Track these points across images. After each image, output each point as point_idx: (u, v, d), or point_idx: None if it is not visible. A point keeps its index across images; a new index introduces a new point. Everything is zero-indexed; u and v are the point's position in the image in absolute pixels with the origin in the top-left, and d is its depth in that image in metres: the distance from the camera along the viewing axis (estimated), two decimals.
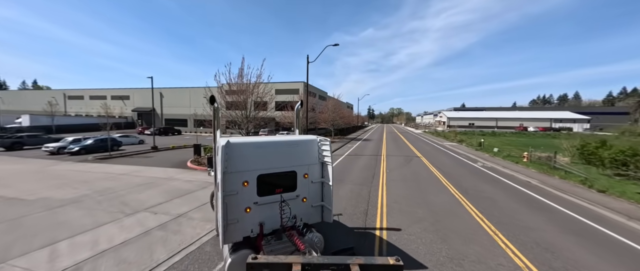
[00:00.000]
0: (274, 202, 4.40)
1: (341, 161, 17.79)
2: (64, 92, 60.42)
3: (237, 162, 4.02)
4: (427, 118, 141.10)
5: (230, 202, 4.00)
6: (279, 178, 4.45)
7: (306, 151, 4.72)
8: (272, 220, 4.40)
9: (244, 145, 4.15)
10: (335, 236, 6.15)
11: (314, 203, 4.89)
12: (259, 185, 4.24)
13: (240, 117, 17.89)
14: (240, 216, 4.12)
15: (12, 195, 9.42)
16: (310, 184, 4.80)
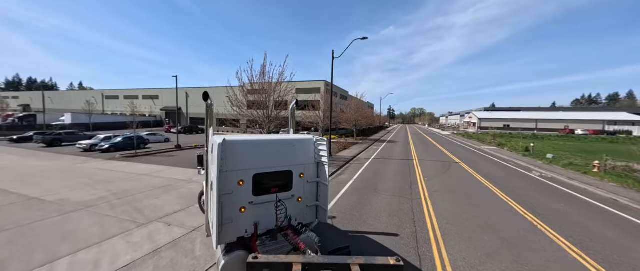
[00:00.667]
0: (269, 201, 4.30)
1: (369, 166, 16.13)
2: (102, 92, 65.21)
3: (232, 160, 3.91)
4: (453, 119, 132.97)
5: (225, 201, 3.88)
6: (274, 177, 4.36)
7: (302, 150, 4.64)
8: (267, 220, 4.30)
9: (240, 144, 4.03)
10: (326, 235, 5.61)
11: (309, 203, 4.83)
12: (254, 185, 4.14)
13: (261, 117, 17.01)
14: (235, 216, 4.01)
15: (35, 194, 9.18)
16: (306, 184, 4.73)
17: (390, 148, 26.75)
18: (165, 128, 44.03)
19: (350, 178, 12.63)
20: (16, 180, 11.10)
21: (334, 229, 6.63)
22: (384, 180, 12.28)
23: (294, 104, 6.43)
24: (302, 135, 5.52)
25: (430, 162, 17.78)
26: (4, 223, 6.72)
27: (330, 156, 19.55)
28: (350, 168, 15.18)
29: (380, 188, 10.77)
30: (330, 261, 1.85)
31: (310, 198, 4.87)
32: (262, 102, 16.83)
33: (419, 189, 10.62)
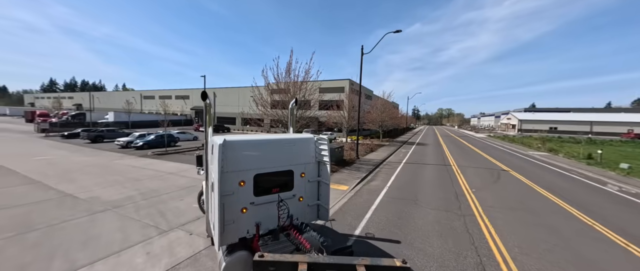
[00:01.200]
0: (270, 201, 4.26)
1: (402, 171, 14.62)
2: (141, 93, 70.66)
3: (233, 161, 3.87)
4: (486, 120, 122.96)
5: (227, 202, 3.84)
6: (275, 177, 4.33)
7: (303, 150, 4.63)
8: (268, 220, 4.26)
9: (241, 144, 3.99)
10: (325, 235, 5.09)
11: (310, 203, 4.81)
12: (255, 185, 4.10)
13: (286, 116, 16.38)
14: (237, 217, 3.98)
15: (70, 191, 9.37)
16: (307, 183, 4.71)
17: (421, 151, 24.66)
18: (194, 127, 46.01)
19: (383, 185, 11.35)
20: (59, 175, 11.63)
21: (329, 229, 6.32)
22: (423, 189, 10.80)
23: (293, 102, 6.30)
24: (302, 134, 5.42)
25: (473, 169, 15.71)
26: (37, 221, 6.69)
27: (357, 158, 18.40)
28: (382, 174, 13.84)
29: (421, 199, 9.37)
30: (336, 262, 1.83)
31: (312, 198, 4.85)
32: (287, 101, 16.20)
33: (469, 202, 9.02)
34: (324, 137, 4.80)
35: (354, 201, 9.05)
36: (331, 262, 1.84)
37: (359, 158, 18.16)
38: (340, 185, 10.89)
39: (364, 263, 1.79)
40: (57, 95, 78.86)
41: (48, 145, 21.96)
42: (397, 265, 1.79)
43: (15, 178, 10.94)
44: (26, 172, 11.97)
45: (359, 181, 11.71)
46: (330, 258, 1.92)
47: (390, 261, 1.83)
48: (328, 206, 4.85)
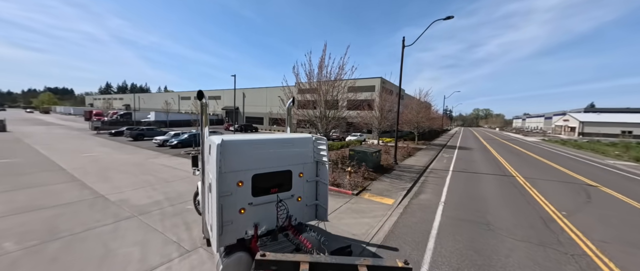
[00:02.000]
0: (268, 202, 4.20)
1: (454, 182, 12.39)
2: (179, 94, 75.85)
3: (231, 161, 3.81)
4: (533, 121, 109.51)
5: (225, 203, 3.77)
6: (274, 177, 4.27)
7: (301, 150, 4.59)
8: (266, 221, 4.20)
9: (239, 144, 3.95)
10: None
11: (308, 203, 4.77)
12: (253, 185, 4.05)
13: (317, 117, 15.14)
14: (235, 217, 3.91)
15: (104, 191, 9.17)
16: (305, 183, 4.67)
17: (467, 156, 21.61)
18: (225, 126, 47.44)
19: (436, 199, 9.42)
20: (97, 173, 11.80)
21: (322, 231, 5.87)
22: (491, 207, 8.63)
23: (290, 102, 6.26)
24: (300, 134, 5.27)
25: (546, 182, 12.78)
26: (63, 227, 6.26)
27: (396, 164, 16.48)
28: (429, 184, 11.80)
29: (495, 222, 7.31)
30: (338, 262, 1.86)
31: (310, 198, 4.82)
32: (318, 100, 14.95)
33: (567, 233, 6.74)
34: (322, 137, 4.74)
35: (406, 221, 7.36)
36: (333, 262, 1.85)
37: (398, 164, 16.19)
38: (383, 198, 9.25)
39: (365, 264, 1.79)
40: (110, 97, 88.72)
41: (97, 142, 23.69)
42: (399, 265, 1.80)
43: (61, 175, 11.27)
44: (71, 169, 12.40)
45: (405, 193, 9.92)
46: (332, 258, 1.94)
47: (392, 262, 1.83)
48: (326, 206, 4.81)
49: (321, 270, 1.80)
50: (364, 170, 11.74)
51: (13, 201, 7.92)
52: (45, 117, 65.89)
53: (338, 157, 16.88)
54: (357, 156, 13.48)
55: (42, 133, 28.47)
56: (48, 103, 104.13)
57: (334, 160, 14.42)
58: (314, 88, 14.96)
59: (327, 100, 14.67)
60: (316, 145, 4.76)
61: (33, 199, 8.15)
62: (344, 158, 16.25)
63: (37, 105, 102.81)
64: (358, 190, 9.84)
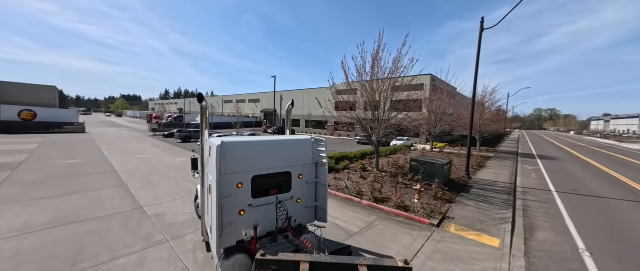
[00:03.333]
0: (268, 203, 4.22)
1: (572, 210, 8.76)
2: (222, 98, 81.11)
3: (231, 162, 3.82)
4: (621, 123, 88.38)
5: (224, 204, 3.78)
6: (273, 179, 4.29)
7: (300, 151, 4.61)
8: (266, 222, 4.20)
9: (238, 145, 3.95)
10: None
11: (308, 204, 4.79)
12: (253, 187, 4.06)
13: (369, 120, 12.84)
14: (234, 219, 3.91)
15: (144, 201, 8.46)
16: (305, 185, 4.69)
17: (560, 169, 16.68)
18: (263, 129, 48.17)
19: (568, 242, 6.29)
20: (144, 177, 11.54)
21: None
22: None
23: (289, 104, 6.17)
24: (300, 135, 5.08)
25: None
26: (89, 252, 5.31)
27: (469, 178, 13.12)
28: (537, 213, 8.48)
29: None
30: (338, 262, 1.85)
31: (309, 199, 4.82)
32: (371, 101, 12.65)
33: None
34: (321, 138, 4.75)
35: None
36: (333, 262, 1.84)
37: (471, 178, 12.84)
38: (480, 234, 6.52)
39: (366, 263, 1.77)
40: (167, 102, 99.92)
41: (151, 143, 25.30)
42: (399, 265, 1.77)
43: (111, 179, 11.23)
44: (122, 172, 12.48)
45: (510, 228, 6.98)
46: (333, 258, 1.92)
47: (392, 262, 1.82)
48: (326, 207, 4.79)
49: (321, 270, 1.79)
50: (437, 188, 9.03)
51: (59, 209, 7.57)
52: (118, 119, 76.94)
53: (390, 166, 14.27)
54: (423, 168, 10.76)
55: (111, 134, 32.07)
56: (121, 108, 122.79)
57: (391, 173, 11.90)
58: (364, 86, 12.73)
59: (383, 97, 12.31)
60: (315, 147, 4.76)
61: (77, 207, 7.71)
62: (399, 167, 13.58)
63: (113, 109, 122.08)
64: (438, 219, 7.27)
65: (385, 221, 7.41)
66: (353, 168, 13.50)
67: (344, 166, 13.31)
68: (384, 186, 10.04)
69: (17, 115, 28.75)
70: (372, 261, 1.82)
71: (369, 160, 15.40)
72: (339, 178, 11.47)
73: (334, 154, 14.56)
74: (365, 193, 9.37)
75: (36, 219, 6.80)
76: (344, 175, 12.03)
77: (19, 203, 7.85)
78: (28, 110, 29.58)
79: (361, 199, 8.84)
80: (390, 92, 12.50)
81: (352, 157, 15.58)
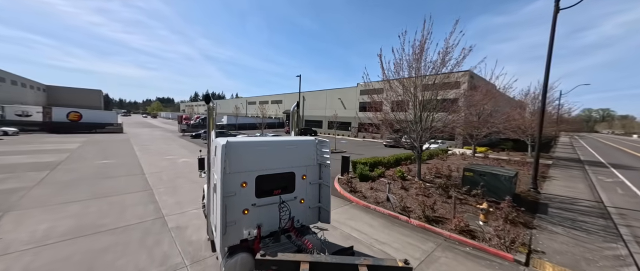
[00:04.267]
0: (272, 203, 4.27)
1: None
2: (246, 99, 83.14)
3: (236, 162, 3.89)
4: None
5: (229, 203, 3.86)
6: (277, 179, 4.34)
7: (304, 152, 4.63)
8: (269, 222, 4.26)
9: (243, 145, 4.01)
10: None
11: (311, 205, 4.81)
12: (257, 187, 4.13)
13: (409, 122, 11.14)
14: (238, 218, 3.99)
15: (166, 209, 7.81)
16: (308, 185, 4.73)
17: None
18: (286, 130, 47.85)
19: None
20: (169, 181, 11.13)
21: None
22: None
23: (294, 106, 6.11)
24: (304, 137, 5.04)
25: None
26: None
27: (537, 193, 10.73)
28: None
29: None
30: (338, 261, 1.84)
31: (313, 200, 4.83)
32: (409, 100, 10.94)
33: None
34: (325, 140, 4.76)
35: None
36: (333, 262, 1.83)
37: (540, 193, 10.50)
38: None
39: (366, 263, 1.77)
40: (196, 103, 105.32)
41: (180, 144, 25.83)
42: (399, 265, 1.76)
43: (138, 182, 10.94)
44: (149, 174, 12.24)
45: None
46: (333, 257, 1.91)
47: (392, 262, 1.81)
48: (329, 208, 4.79)
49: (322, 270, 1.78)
50: (510, 208, 7.11)
51: (82, 215, 7.13)
52: (153, 120, 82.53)
53: (432, 174, 12.36)
54: (482, 180, 8.84)
55: (145, 134, 33.74)
56: (156, 109, 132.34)
57: (437, 183, 10.07)
58: (403, 83, 11.05)
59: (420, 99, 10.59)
60: (319, 148, 4.76)
61: (99, 215, 7.21)
62: (445, 177, 11.65)
63: (149, 111, 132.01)
64: (523, 253, 5.47)
65: (448, 250, 5.81)
66: (390, 176, 11.87)
67: (379, 173, 11.73)
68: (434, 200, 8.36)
69: (66, 117, 31.39)
70: (372, 261, 1.80)
71: (405, 167, 13.63)
72: (376, 188, 9.94)
73: (366, 159, 13.03)
74: (412, 209, 7.78)
75: (58, 227, 6.35)
76: (381, 184, 10.49)
77: (46, 207, 7.59)
78: (75, 112, 32.17)
79: (409, 217, 7.28)
80: (436, 90, 10.72)
81: (386, 162, 13.91)
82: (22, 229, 6.19)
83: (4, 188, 9.25)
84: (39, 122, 29.89)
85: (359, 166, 11.47)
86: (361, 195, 9.17)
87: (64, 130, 30.35)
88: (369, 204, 8.35)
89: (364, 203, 8.46)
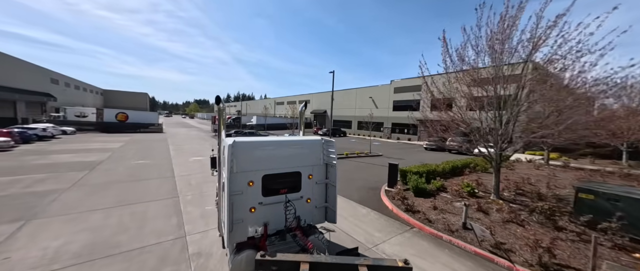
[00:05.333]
0: (278, 202, 4.33)
1: None
2: (275, 99, 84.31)
3: (242, 161, 3.98)
4: None
5: (235, 201, 3.95)
6: (283, 178, 4.39)
7: (310, 152, 4.68)
8: (276, 221, 4.32)
9: (249, 145, 4.12)
10: None
11: (317, 205, 4.83)
12: (263, 185, 4.20)
13: (490, 122, 8.66)
14: (245, 216, 4.08)
15: (189, 225, 6.70)
16: (315, 185, 4.75)
17: None
18: (314, 130, 46.63)
19: None
20: (197, 186, 10.32)
21: None
22: None
23: (302, 106, 6.15)
24: (310, 136, 5.16)
25: None
26: None
27: None
28: None
29: None
30: (337, 262, 1.84)
31: (319, 200, 4.85)
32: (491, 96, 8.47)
33: None
34: (331, 140, 4.77)
35: None
36: (333, 262, 1.83)
37: None
38: None
39: (366, 263, 1.77)
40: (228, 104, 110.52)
41: (211, 143, 25.97)
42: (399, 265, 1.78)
43: (166, 186, 10.28)
44: (179, 177, 11.64)
45: None
46: (332, 258, 1.90)
47: (392, 262, 1.81)
48: (335, 208, 4.80)
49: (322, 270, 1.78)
50: None
51: (100, 229, 6.33)
52: (190, 121, 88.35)
53: (510, 190, 9.62)
54: (616, 207, 6.08)
55: (181, 134, 35.20)
56: (194, 110, 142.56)
57: (540, 209, 7.30)
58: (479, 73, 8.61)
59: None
60: (326, 148, 4.77)
61: (117, 229, 6.34)
62: (523, 193, 8.90)
63: (188, 112, 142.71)
64: None
65: None
66: (454, 190, 9.42)
67: (438, 186, 9.42)
68: (532, 231, 5.92)
69: (115, 117, 34.12)
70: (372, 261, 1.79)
71: (469, 178, 11.03)
72: (441, 208, 7.69)
73: (416, 168, 10.74)
74: (509, 246, 5.49)
75: (71, 244, 5.55)
76: (444, 201, 8.24)
77: (69, 216, 7.00)
78: (122, 113, 34.85)
79: (511, 262, 5.02)
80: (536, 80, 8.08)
81: (441, 171, 11.45)
82: (35, 245, 5.46)
83: (41, 190, 9.14)
84: (93, 122, 32.88)
85: (412, 177, 9.28)
86: (423, 217, 7.06)
87: (113, 129, 32.95)
88: (439, 232, 6.25)
89: (431, 231, 6.38)
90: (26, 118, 30.60)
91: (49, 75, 41.56)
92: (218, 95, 4.55)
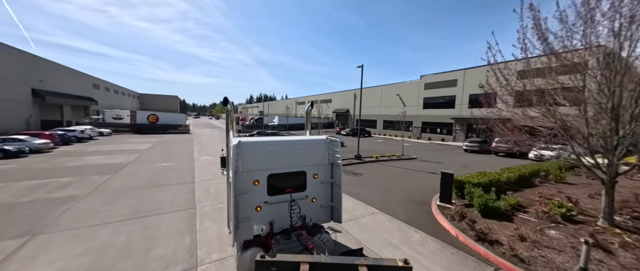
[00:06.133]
0: (283, 201, 4.36)
1: None
2: (296, 99, 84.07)
3: (248, 161, 4.03)
4: None
5: (241, 200, 4.02)
6: (288, 178, 4.42)
7: (315, 151, 4.68)
8: (282, 219, 4.36)
9: (254, 145, 4.18)
10: None
11: (323, 204, 4.85)
12: (269, 185, 4.25)
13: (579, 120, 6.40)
14: (251, 214, 4.14)
15: (204, 250, 5.58)
16: (320, 184, 4.76)
17: None
18: (336, 130, 44.97)
19: None
20: (214, 197, 9.35)
21: None
22: None
23: (309, 106, 6.20)
24: (315, 136, 5.09)
25: None
26: None
27: None
28: None
29: None
30: (338, 262, 1.82)
31: (325, 199, 4.86)
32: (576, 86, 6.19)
33: None
34: (336, 139, 4.73)
35: None
36: (333, 262, 1.81)
37: None
38: None
39: (366, 264, 1.76)
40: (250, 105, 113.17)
41: None
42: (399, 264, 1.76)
43: (185, 193, 9.47)
44: (199, 183, 10.84)
45: None
46: (332, 258, 1.88)
47: (392, 261, 1.80)
48: (341, 208, 4.77)
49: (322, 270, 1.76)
50: None
51: (104, 249, 5.43)
52: (216, 122, 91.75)
53: (621, 213, 7.14)
54: None
55: (207, 134, 35.77)
56: (219, 112, 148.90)
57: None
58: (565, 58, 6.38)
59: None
60: (331, 147, 4.74)
61: (122, 251, 5.39)
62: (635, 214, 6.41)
63: (214, 113, 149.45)
64: None
65: None
66: (539, 211, 7.14)
67: (513, 204, 7.26)
68: None
69: (146, 119, 35.71)
70: (372, 261, 1.79)
71: (545, 191, 8.65)
72: (533, 240, 5.56)
73: (477, 178, 8.59)
74: None
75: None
76: (530, 227, 6.14)
77: (76, 231, 6.26)
78: (153, 115, 36.40)
79: None
80: None
81: (505, 181, 9.17)
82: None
83: (61, 195, 8.76)
84: (128, 124, 34.68)
85: (476, 191, 7.24)
86: (510, 252, 5.02)
87: (146, 130, 34.47)
88: (485, 251, 4.30)
89: (483, 251, 4.46)
90: (70, 120, 33.13)
91: (91, 81, 45.08)
92: (226, 96, 4.53)
